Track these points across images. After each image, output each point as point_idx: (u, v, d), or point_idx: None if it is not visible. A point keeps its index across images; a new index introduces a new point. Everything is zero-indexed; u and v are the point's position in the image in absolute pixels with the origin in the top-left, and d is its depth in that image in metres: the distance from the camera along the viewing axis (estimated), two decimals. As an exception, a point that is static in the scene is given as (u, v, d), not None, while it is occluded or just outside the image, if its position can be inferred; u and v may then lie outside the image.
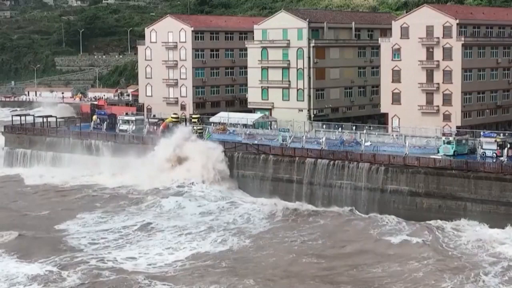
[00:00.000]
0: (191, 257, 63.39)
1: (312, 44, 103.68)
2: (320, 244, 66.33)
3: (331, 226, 72.10)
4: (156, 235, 70.28)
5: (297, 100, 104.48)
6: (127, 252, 65.19)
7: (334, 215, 75.29)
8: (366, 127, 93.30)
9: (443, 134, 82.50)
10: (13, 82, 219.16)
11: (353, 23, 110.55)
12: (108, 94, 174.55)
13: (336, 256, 63.30)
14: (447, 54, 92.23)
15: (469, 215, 70.11)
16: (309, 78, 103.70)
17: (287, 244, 66.73)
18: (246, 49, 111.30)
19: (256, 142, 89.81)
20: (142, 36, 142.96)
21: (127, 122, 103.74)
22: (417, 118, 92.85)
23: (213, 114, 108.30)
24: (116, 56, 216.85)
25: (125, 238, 69.49)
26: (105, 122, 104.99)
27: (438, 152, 79.01)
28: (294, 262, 61.73)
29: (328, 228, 71.40)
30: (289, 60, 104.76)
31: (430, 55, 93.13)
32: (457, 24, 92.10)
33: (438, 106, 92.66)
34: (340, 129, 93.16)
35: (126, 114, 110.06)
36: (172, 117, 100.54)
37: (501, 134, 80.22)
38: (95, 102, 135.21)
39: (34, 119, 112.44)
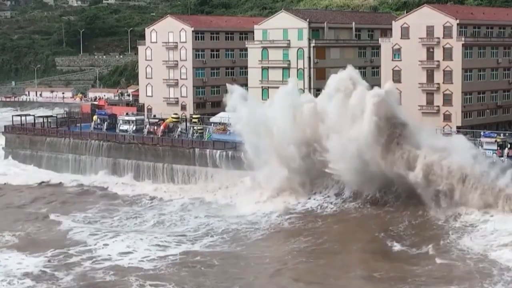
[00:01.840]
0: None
1: (312, 44, 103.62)
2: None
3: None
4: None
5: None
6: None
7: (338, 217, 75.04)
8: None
9: (444, 134, 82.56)
10: (13, 82, 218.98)
11: (354, 23, 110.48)
12: (109, 94, 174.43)
13: (335, 257, 63.24)
14: (448, 54, 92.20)
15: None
16: (310, 78, 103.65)
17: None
18: (246, 49, 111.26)
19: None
20: (142, 36, 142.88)
21: (127, 122, 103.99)
22: (418, 118, 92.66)
23: (214, 114, 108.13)
24: (117, 56, 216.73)
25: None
26: (106, 122, 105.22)
27: (439, 152, 78.95)
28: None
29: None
30: (289, 60, 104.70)
31: (430, 55, 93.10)
32: (458, 24, 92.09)
33: (438, 106, 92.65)
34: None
35: (127, 114, 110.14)
36: (172, 117, 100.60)
37: (501, 134, 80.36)
38: (96, 102, 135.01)
39: (34, 119, 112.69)
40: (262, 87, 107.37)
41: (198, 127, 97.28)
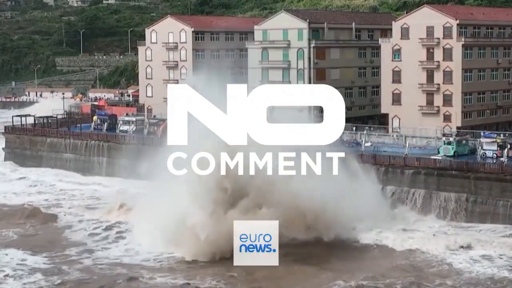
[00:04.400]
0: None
1: (312, 45, 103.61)
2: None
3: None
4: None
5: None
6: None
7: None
8: (367, 127, 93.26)
9: (444, 135, 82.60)
10: (13, 83, 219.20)
11: (354, 23, 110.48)
12: (109, 95, 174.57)
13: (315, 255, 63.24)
14: (448, 54, 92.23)
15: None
16: (310, 78, 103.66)
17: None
18: (246, 50, 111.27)
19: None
20: (142, 37, 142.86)
21: (127, 122, 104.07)
22: (418, 119, 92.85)
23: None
24: (117, 57, 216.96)
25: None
26: (106, 123, 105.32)
27: (439, 152, 79.13)
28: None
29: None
30: (289, 61, 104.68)
31: (430, 55, 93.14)
32: (458, 24, 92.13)
33: (438, 106, 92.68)
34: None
35: (127, 114, 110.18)
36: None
37: (502, 135, 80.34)
38: (96, 103, 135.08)
39: (34, 119, 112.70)
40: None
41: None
